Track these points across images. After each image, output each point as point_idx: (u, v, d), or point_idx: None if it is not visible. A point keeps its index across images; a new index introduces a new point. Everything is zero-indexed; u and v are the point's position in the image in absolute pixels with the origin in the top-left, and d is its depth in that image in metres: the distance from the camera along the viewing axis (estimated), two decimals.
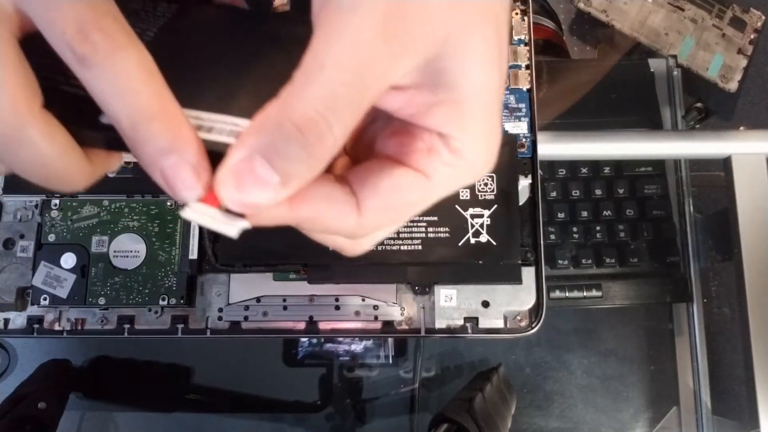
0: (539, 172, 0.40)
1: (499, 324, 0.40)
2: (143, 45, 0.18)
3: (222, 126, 0.19)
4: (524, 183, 0.40)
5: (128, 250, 0.40)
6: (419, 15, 0.18)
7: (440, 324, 0.40)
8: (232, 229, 0.18)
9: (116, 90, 0.17)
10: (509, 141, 0.39)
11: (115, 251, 0.40)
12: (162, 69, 0.19)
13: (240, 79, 0.21)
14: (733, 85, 0.65)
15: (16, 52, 0.18)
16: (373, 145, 0.23)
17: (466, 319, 0.40)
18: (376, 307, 0.40)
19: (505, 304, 0.40)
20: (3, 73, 0.17)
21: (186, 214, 0.18)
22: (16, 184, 0.41)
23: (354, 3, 0.17)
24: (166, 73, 0.19)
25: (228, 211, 0.18)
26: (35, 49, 0.18)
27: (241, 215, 0.18)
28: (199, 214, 0.18)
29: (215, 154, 0.18)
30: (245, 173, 0.17)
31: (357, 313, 0.40)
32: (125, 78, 0.17)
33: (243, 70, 0.21)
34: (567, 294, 0.50)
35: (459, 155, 0.20)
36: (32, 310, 0.40)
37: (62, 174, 0.19)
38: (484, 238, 0.38)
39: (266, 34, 0.23)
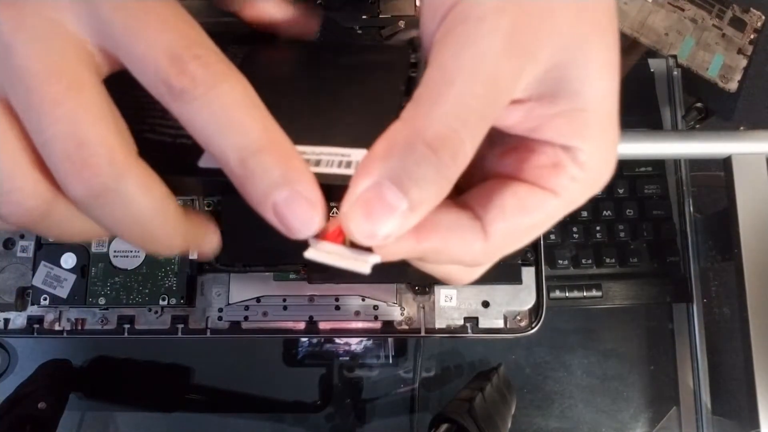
0: None
1: (499, 324, 0.40)
2: (242, 74, 0.17)
3: (329, 158, 0.18)
4: None
5: (128, 250, 0.40)
6: (545, 23, 0.17)
7: (440, 324, 0.40)
8: (364, 266, 0.17)
9: (221, 124, 0.16)
10: None
11: (115, 251, 0.40)
12: None
13: (330, 110, 0.20)
14: (733, 85, 0.64)
15: (105, 98, 0.17)
16: (480, 166, 0.21)
17: (466, 319, 0.40)
18: (376, 307, 0.40)
19: (505, 304, 0.40)
20: (96, 119, 0.16)
21: (311, 254, 0.17)
22: None
23: (481, 14, 0.17)
24: None
25: (354, 246, 0.17)
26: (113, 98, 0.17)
27: (368, 249, 0.17)
28: (325, 254, 0.17)
29: (325, 188, 0.17)
30: (374, 201, 0.16)
31: (357, 313, 0.40)
32: (230, 110, 0.16)
33: (331, 101, 0.20)
34: (567, 294, 0.50)
35: (586, 168, 0.19)
36: (32, 310, 0.40)
37: (158, 231, 0.18)
38: None
39: (343, 63, 0.22)
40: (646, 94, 0.57)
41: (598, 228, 0.52)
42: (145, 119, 0.19)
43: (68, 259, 0.40)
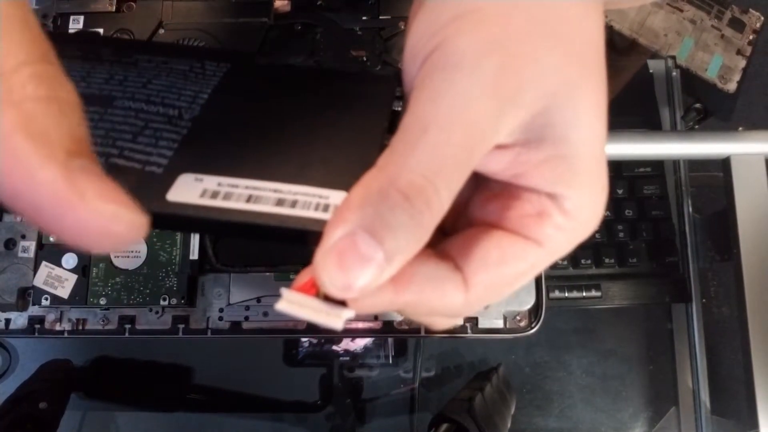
0: None
1: (499, 324, 0.40)
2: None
3: (306, 199, 0.17)
4: None
5: (129, 250, 0.40)
6: (530, 67, 0.16)
7: None
8: (336, 321, 0.16)
9: None
10: None
11: (115, 251, 0.40)
12: (224, 133, 0.17)
13: (311, 143, 0.19)
14: (732, 86, 0.65)
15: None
16: (463, 211, 0.21)
17: (465, 319, 0.40)
18: None
19: (505, 304, 0.40)
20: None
21: (282, 307, 0.16)
22: None
23: (459, 59, 0.16)
24: (231, 138, 0.17)
25: (327, 299, 0.16)
26: None
27: (342, 303, 0.16)
28: (296, 306, 0.16)
29: (299, 233, 0.16)
30: (348, 251, 0.15)
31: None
32: None
33: (312, 133, 0.19)
34: (566, 294, 0.50)
35: (572, 217, 0.18)
36: (33, 311, 0.40)
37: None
38: None
39: (326, 91, 0.22)
40: (645, 95, 0.57)
41: (597, 228, 0.52)
42: (115, 142, 0.18)
43: (69, 260, 0.40)
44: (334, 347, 0.49)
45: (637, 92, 0.57)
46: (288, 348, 0.49)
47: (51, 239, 0.40)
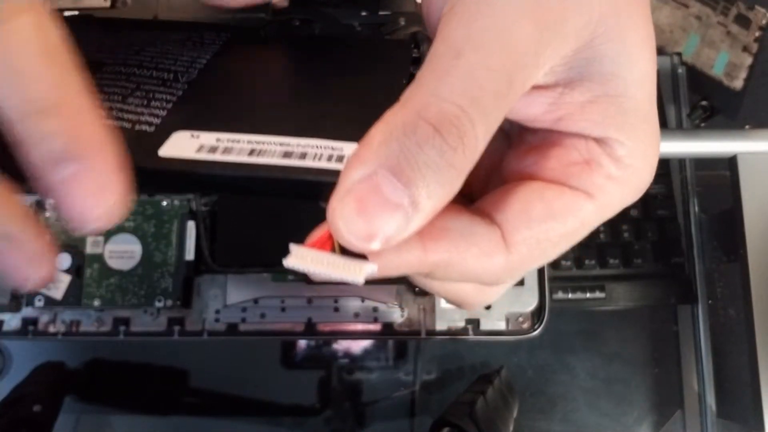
0: None
1: (501, 326, 0.39)
2: (48, 13, 0.14)
3: (317, 151, 0.15)
4: None
5: (124, 250, 0.39)
6: None
7: (441, 326, 0.39)
8: (357, 274, 0.14)
9: (3, 74, 0.13)
10: None
11: (110, 252, 0.39)
12: (224, 93, 0.16)
13: (324, 104, 0.17)
14: (738, 83, 0.64)
15: None
16: (495, 173, 0.18)
17: (467, 321, 0.39)
18: (375, 309, 0.39)
19: (507, 306, 0.39)
20: None
21: (290, 263, 0.14)
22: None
23: None
24: (232, 98, 0.16)
25: (345, 254, 0.14)
26: None
27: (362, 257, 0.14)
28: (307, 261, 0.14)
29: (311, 187, 0.15)
30: (369, 195, 0.13)
31: (356, 314, 0.39)
32: (14, 56, 0.13)
33: (325, 95, 0.18)
34: (570, 295, 0.50)
35: (625, 165, 0.16)
36: (27, 312, 0.39)
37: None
38: None
39: (341, 57, 0.21)
40: None
41: (601, 228, 0.51)
42: (104, 103, 0.17)
43: (63, 260, 0.39)
44: (334, 346, 0.49)
45: None
46: (285, 350, 0.49)
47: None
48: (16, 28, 0.13)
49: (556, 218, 0.16)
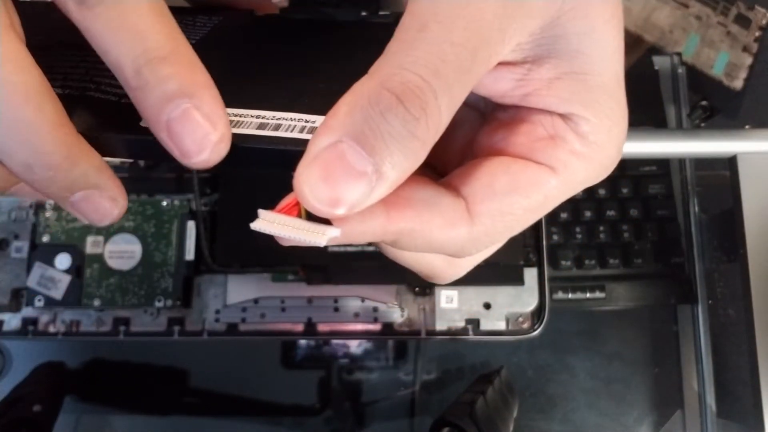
0: None
1: (501, 326, 0.39)
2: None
3: (291, 123, 0.16)
4: None
5: (123, 250, 0.39)
6: None
7: (441, 326, 0.39)
8: (320, 237, 0.14)
9: (118, 30, 0.14)
10: None
11: (110, 252, 0.39)
12: (207, 69, 0.17)
13: (305, 81, 0.18)
14: (738, 83, 0.64)
15: (27, 55, 0.15)
16: (466, 152, 0.19)
17: (467, 321, 0.39)
18: (375, 309, 0.39)
19: (507, 306, 0.39)
20: (27, 87, 0.14)
21: (257, 225, 0.15)
22: None
23: None
24: (213, 74, 0.17)
25: (311, 219, 0.15)
26: (44, 57, 0.16)
27: (326, 222, 0.15)
28: (273, 225, 0.15)
29: (284, 156, 0.15)
30: (333, 161, 0.13)
31: (356, 314, 0.39)
32: (130, 15, 0.14)
33: (307, 73, 0.19)
34: (570, 295, 0.50)
35: (589, 141, 0.16)
36: (27, 312, 0.39)
37: (38, 139, 0.15)
38: None
39: (325, 38, 0.21)
40: (650, 92, 0.56)
41: (601, 228, 0.51)
42: (93, 78, 0.18)
43: (63, 260, 0.39)
44: (334, 345, 0.49)
45: (642, 89, 0.56)
46: (286, 350, 0.48)
47: (44, 239, 0.40)
48: None
49: (519, 191, 0.16)
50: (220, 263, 0.39)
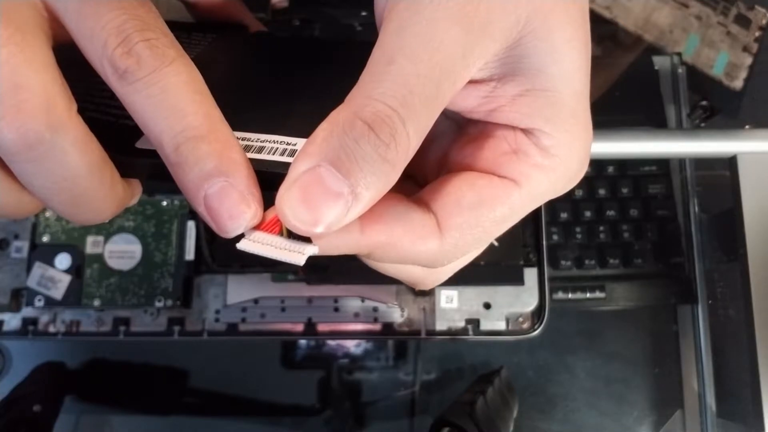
0: None
1: (501, 326, 0.39)
2: (191, 61, 0.16)
3: (273, 145, 0.17)
4: None
5: (124, 250, 0.39)
6: None
7: (441, 326, 0.39)
8: (299, 257, 0.16)
9: (160, 107, 0.15)
10: None
11: (110, 252, 0.39)
12: None
13: (290, 102, 0.19)
14: (738, 83, 0.64)
15: (51, 56, 0.16)
16: (442, 164, 0.20)
17: (467, 321, 0.39)
18: (375, 309, 0.39)
19: (507, 306, 0.39)
20: (40, 68, 0.15)
21: (243, 245, 0.16)
22: None
23: None
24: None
25: (292, 236, 0.16)
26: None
27: (307, 240, 0.16)
28: (258, 245, 0.16)
29: (267, 178, 0.16)
30: (312, 184, 0.15)
31: (356, 314, 0.39)
32: (171, 94, 0.15)
33: (293, 94, 0.19)
34: (570, 295, 0.50)
35: (551, 154, 0.17)
36: (27, 312, 0.39)
37: (92, 195, 0.17)
38: None
39: (312, 58, 0.22)
40: (650, 92, 0.56)
41: (601, 228, 0.51)
42: (93, 98, 0.18)
43: (63, 260, 0.39)
44: (334, 345, 0.49)
45: (642, 89, 0.56)
46: (286, 350, 0.48)
47: (44, 239, 0.40)
48: (171, 72, 0.15)
49: (485, 205, 0.17)
50: (220, 263, 0.39)
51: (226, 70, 0.21)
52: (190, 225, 0.40)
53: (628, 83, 0.56)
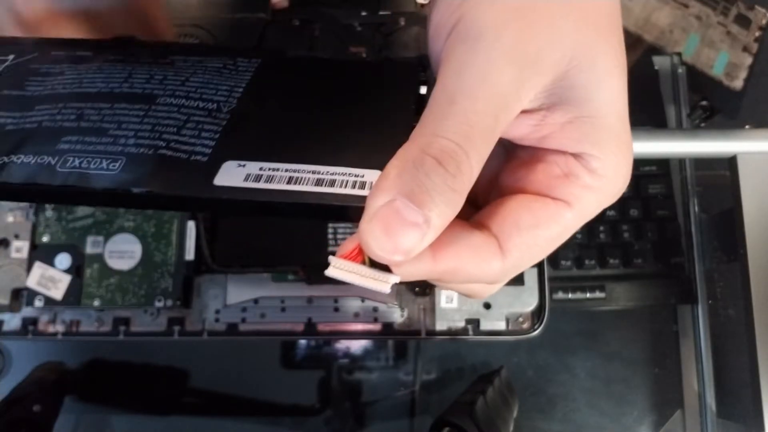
0: None
1: (501, 326, 0.39)
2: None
3: (344, 178, 0.18)
4: None
5: (124, 250, 0.39)
6: (546, 36, 0.17)
7: (441, 326, 0.39)
8: (385, 285, 0.17)
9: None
10: None
11: (110, 252, 0.39)
12: (261, 123, 0.19)
13: (343, 129, 0.20)
14: (738, 83, 0.64)
15: None
16: (495, 184, 0.22)
17: (467, 321, 0.39)
18: (375, 309, 0.39)
19: (507, 306, 0.39)
20: None
21: (332, 273, 0.17)
22: None
23: (480, 31, 0.17)
24: (268, 127, 0.19)
25: (373, 265, 0.17)
26: None
27: (386, 268, 0.17)
28: (346, 273, 0.17)
29: (340, 209, 0.18)
30: (391, 217, 0.16)
31: (356, 314, 0.39)
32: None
33: (343, 120, 0.21)
34: (570, 295, 0.50)
35: (599, 176, 0.19)
36: (27, 312, 0.39)
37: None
38: None
39: (354, 80, 0.23)
40: (650, 92, 0.56)
41: (601, 228, 0.51)
42: (162, 135, 0.19)
43: (63, 260, 0.39)
44: (334, 346, 0.49)
45: (642, 89, 0.56)
46: (285, 350, 0.48)
47: (44, 239, 0.40)
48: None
49: (541, 226, 0.19)
50: (220, 263, 0.39)
51: (279, 99, 0.22)
52: (190, 225, 0.40)
53: (628, 83, 0.56)
